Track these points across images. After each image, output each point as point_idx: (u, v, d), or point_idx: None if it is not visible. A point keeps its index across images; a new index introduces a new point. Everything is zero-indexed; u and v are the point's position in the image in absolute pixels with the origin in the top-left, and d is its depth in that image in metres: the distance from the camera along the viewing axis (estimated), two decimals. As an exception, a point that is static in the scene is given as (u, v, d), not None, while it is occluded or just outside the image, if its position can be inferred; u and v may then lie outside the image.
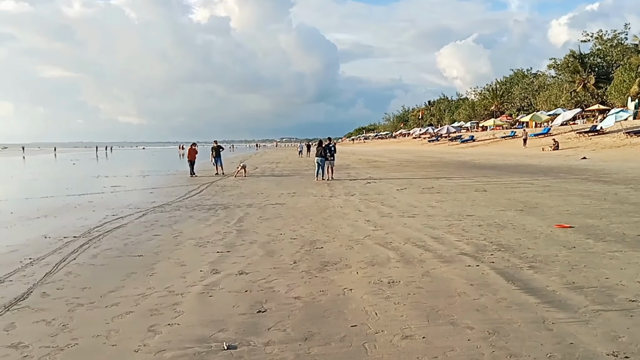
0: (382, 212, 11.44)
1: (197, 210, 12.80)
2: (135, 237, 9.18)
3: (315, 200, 14.13)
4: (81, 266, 7.13)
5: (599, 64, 63.22)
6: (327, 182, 20.06)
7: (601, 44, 63.09)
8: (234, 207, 13.10)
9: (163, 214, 12.29)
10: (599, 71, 62.50)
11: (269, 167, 35.16)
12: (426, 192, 15.39)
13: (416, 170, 26.38)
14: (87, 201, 15.30)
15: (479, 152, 46.10)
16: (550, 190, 14.72)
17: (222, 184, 21.08)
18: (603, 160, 26.59)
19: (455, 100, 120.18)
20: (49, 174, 33.95)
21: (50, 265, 7.16)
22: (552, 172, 21.66)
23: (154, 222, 10.89)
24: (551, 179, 18.42)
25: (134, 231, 9.84)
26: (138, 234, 9.51)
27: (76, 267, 7.09)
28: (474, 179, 19.28)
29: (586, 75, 62.38)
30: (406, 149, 68.38)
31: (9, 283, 6.32)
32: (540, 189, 15.11)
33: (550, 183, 16.88)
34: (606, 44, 62.59)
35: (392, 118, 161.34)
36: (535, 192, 14.35)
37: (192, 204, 14.05)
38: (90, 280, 6.37)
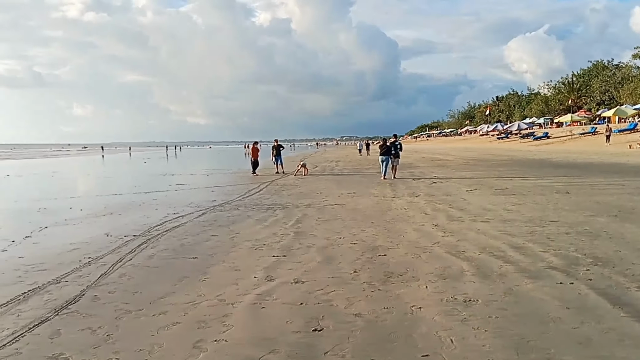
0: (451, 215, 10.62)
1: (256, 209, 12.45)
2: (192, 238, 8.88)
3: (377, 202, 13.45)
4: (136, 267, 6.86)
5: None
6: (390, 182, 19.29)
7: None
8: (292, 207, 12.66)
9: (222, 213, 12.02)
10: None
11: (329, 165, 34.69)
12: (500, 193, 14.34)
13: (486, 170, 25.08)
14: (152, 199, 15.34)
15: (555, 150, 43.66)
16: None
17: (282, 182, 20.77)
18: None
19: (526, 95, 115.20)
20: (122, 172, 35.11)
21: (106, 265, 6.95)
22: (627, 172, 19.87)
23: (212, 222, 10.60)
24: (632, 179, 16.80)
25: (191, 231, 9.57)
26: (195, 234, 9.21)
27: (131, 268, 6.83)
28: (553, 179, 17.93)
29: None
30: (473, 147, 66.09)
31: (65, 284, 6.12)
32: (635, 191, 13.72)
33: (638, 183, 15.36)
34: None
35: (457, 115, 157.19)
36: (628, 195, 13.00)
37: (251, 203, 13.74)
38: (143, 284, 6.06)
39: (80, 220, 11.50)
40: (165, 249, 7.94)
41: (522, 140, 66.95)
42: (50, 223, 11.04)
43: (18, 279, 6.34)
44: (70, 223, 11.09)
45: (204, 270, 6.62)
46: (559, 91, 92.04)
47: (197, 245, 8.26)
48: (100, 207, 13.69)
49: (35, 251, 8.12)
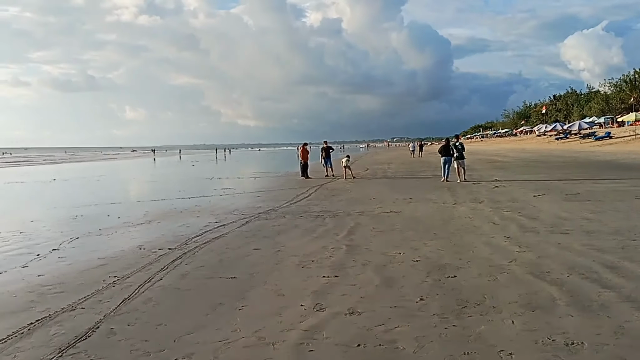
0: (523, 225, 9.36)
1: (304, 217, 11.53)
2: (233, 252, 8.02)
3: (437, 209, 12.27)
4: (165, 290, 6.02)
5: None
6: (448, 186, 18.00)
7: None
8: (343, 215, 11.67)
9: (267, 221, 11.16)
10: None
11: (381, 168, 33.50)
12: (572, 199, 12.89)
13: (549, 172, 23.31)
14: (194, 205, 14.71)
15: (620, 150, 40.88)
16: None
17: (332, 187, 19.81)
18: None
19: (585, 94, 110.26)
20: (168, 175, 35.04)
21: (132, 287, 6.14)
22: None
23: (256, 232, 9.74)
24: None
25: (233, 243, 8.72)
26: (237, 247, 8.35)
27: (159, 291, 5.99)
28: (628, 183, 16.23)
29: None
30: (531, 148, 63.24)
31: (80, 312, 5.31)
32: None
33: None
34: None
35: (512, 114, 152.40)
36: None
37: (298, 210, 12.84)
38: (169, 313, 5.19)
39: (115, 229, 10.86)
40: (201, 266, 7.10)
41: (583, 141, 63.53)
42: (83, 233, 10.44)
43: (30, 304, 5.58)
44: (104, 233, 10.45)
45: (242, 294, 5.72)
46: (620, 89, 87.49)
47: (237, 261, 7.38)
48: (139, 214, 13.11)
49: (57, 268, 7.41)
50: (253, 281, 6.23)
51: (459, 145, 20.38)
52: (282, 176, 28.15)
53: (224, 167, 46.21)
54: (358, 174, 26.78)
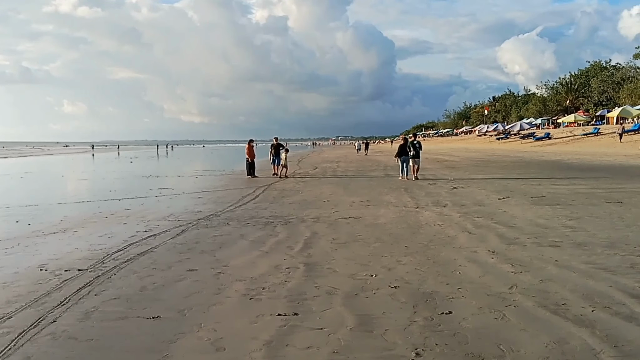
0: (503, 236, 8.17)
1: (251, 225, 9.95)
2: (161, 275, 6.34)
3: (400, 214, 10.99)
4: (55, 342, 4.25)
5: (697, 52, 56.46)
6: (404, 187, 16.87)
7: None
8: (297, 222, 10.18)
9: (207, 230, 9.51)
10: (697, 61, 55.81)
11: (330, 166, 32.22)
12: (541, 203, 11.94)
13: (501, 172, 22.71)
14: (124, 209, 12.80)
15: (562, 151, 41.42)
16: None
17: (281, 187, 18.28)
18: None
19: (522, 96, 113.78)
20: (102, 173, 32.32)
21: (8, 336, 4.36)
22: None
23: (193, 246, 8.08)
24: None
25: (162, 262, 7.03)
26: (166, 267, 6.68)
27: (46, 343, 4.23)
28: (587, 185, 15.55)
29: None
30: (474, 148, 63.86)
31: None
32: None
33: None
34: None
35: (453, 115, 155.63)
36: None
37: (245, 216, 11.25)
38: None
39: (18, 241, 8.83)
40: (115, 298, 5.39)
41: (523, 141, 64.88)
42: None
43: None
44: (1, 246, 8.43)
45: (166, 347, 4.12)
46: (556, 92, 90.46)
47: (164, 289, 5.73)
48: (55, 220, 11.13)
49: None
50: (183, 323, 4.62)
51: (417, 144, 20.00)
52: (227, 175, 26.32)
53: (165, 165, 43.67)
54: (307, 173, 25.40)
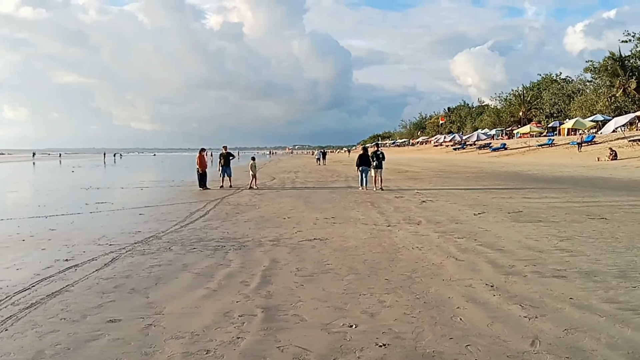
0: (495, 262, 6.96)
1: (198, 251, 8.41)
2: (70, 329, 4.74)
3: (371, 233, 9.69)
4: None
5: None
6: (370, 200, 15.65)
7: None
8: (253, 246, 8.72)
9: (144, 258, 7.91)
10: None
11: (288, 177, 30.77)
12: (521, 219, 10.89)
13: (466, 183, 21.85)
14: (48, 229, 11.00)
15: (520, 161, 41.37)
16: None
17: (235, 201, 16.72)
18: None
19: (477, 107, 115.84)
20: (36, 184, 29.75)
21: None
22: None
23: (122, 282, 6.49)
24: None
25: (77, 306, 5.44)
26: (80, 317, 5.09)
27: None
28: (560, 198, 14.70)
29: (627, 79, 57.38)
30: (433, 158, 63.74)
31: None
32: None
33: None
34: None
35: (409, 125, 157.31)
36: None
37: (191, 238, 9.69)
38: None
39: None
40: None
41: (480, 151, 65.27)
42: None
43: None
44: None
45: None
46: (510, 103, 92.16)
47: (68, 355, 4.17)
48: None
49: None
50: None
51: (380, 155, 19.54)
52: (176, 186, 24.47)
53: (109, 174, 41.11)
54: (264, 184, 23.86)
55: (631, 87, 56.81)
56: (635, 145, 36.71)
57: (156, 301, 5.59)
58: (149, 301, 5.60)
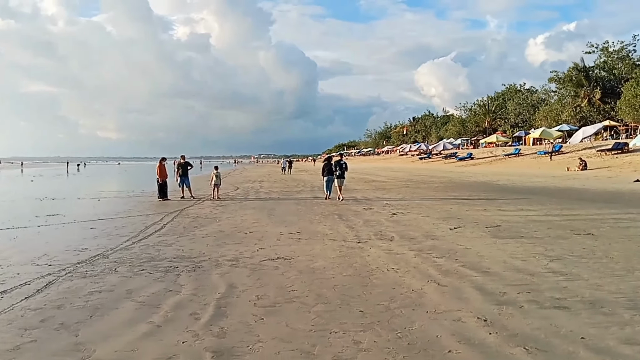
0: (483, 288, 6.20)
1: (146, 272, 7.42)
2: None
3: (340, 251, 8.85)
4: None
5: (605, 77, 59.37)
6: (338, 212, 14.86)
7: (607, 56, 59.27)
8: (209, 267, 7.77)
9: (84, 282, 6.88)
10: (605, 85, 58.63)
11: (253, 187, 29.78)
12: (501, 235, 10.23)
13: (435, 194, 21.29)
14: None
15: (488, 171, 41.33)
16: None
17: (195, 212, 15.70)
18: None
19: (442, 117, 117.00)
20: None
21: None
22: (621, 199, 16.73)
23: (50, 314, 5.48)
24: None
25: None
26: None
27: None
28: (537, 211, 14.17)
29: (591, 89, 58.47)
30: (399, 167, 63.57)
31: None
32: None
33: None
34: (612, 56, 58.79)
35: (374, 134, 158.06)
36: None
37: (142, 256, 8.67)
38: None
39: None
40: None
41: (446, 161, 65.40)
42: None
43: None
44: None
45: None
46: (475, 113, 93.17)
47: None
48: None
49: None
50: None
51: (343, 164, 19.25)
52: (136, 197, 23.24)
53: (69, 184, 39.31)
54: (227, 195, 22.83)
55: (596, 97, 57.81)
56: (603, 155, 37.03)
57: (86, 341, 4.62)
58: (78, 341, 4.63)
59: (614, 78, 58.06)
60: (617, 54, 58.25)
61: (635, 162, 31.06)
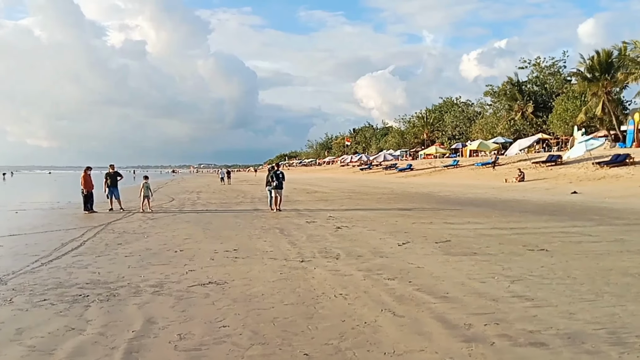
0: (444, 319, 5.40)
1: (48, 304, 6.17)
2: None
3: (282, 273, 7.88)
4: None
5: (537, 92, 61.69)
6: (278, 226, 13.91)
7: (539, 71, 61.66)
8: (126, 295, 6.61)
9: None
10: (538, 99, 60.89)
11: (189, 198, 28.30)
12: (453, 252, 9.56)
13: (379, 205, 20.72)
14: None
15: (429, 182, 41.50)
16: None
17: (122, 228, 14.29)
18: (601, 195, 22.17)
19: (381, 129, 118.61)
20: None
21: None
22: (564, 212, 16.67)
23: None
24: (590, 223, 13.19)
25: None
26: None
27: None
28: (484, 224, 13.72)
29: (524, 103, 60.53)
30: (341, 178, 63.27)
31: None
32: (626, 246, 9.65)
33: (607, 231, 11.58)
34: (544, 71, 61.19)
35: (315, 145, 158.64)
36: (630, 254, 8.80)
37: (47, 282, 7.37)
38: None
39: None
40: None
41: (387, 172, 65.66)
42: None
43: None
44: None
45: None
46: (413, 125, 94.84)
47: None
48: None
49: None
50: None
51: (280, 174, 18.91)
52: (60, 209, 21.43)
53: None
54: (160, 207, 21.37)
55: (529, 110, 59.88)
56: (538, 167, 37.93)
57: None
58: None
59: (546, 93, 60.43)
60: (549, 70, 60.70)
61: (569, 174, 31.85)
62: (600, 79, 45.02)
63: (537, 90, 61.61)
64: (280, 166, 21.36)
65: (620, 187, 25.02)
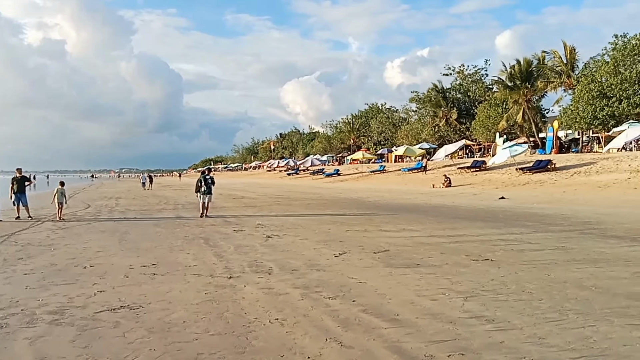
0: (400, 349, 4.67)
1: None
2: None
3: (207, 293, 6.89)
4: None
5: (460, 99, 63.67)
6: (203, 236, 12.85)
7: (462, 78, 63.67)
8: (16, 326, 5.41)
9: None
10: (461, 106, 62.84)
11: (107, 205, 26.34)
12: (395, 263, 8.93)
13: (309, 211, 20.04)
14: None
15: (357, 188, 41.38)
16: (603, 258, 9.12)
17: (27, 239, 12.68)
18: (528, 201, 22.61)
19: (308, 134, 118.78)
20: None
21: None
22: (496, 218, 16.67)
23: None
24: (526, 230, 13.10)
25: None
26: None
27: None
28: (420, 231, 13.30)
29: (448, 109, 62.23)
30: (267, 183, 62.21)
31: None
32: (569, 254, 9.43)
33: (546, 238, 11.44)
34: (467, 79, 63.25)
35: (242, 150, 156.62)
36: (579, 264, 8.53)
37: None
38: None
39: None
40: None
41: (314, 177, 65.42)
42: None
43: None
44: None
45: None
46: (340, 130, 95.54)
47: None
48: None
49: None
50: None
51: (210, 180, 18.34)
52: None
53: None
54: (74, 214, 19.55)
55: (452, 117, 61.61)
56: (463, 173, 38.77)
57: None
58: None
59: (469, 100, 62.47)
60: (472, 77, 62.84)
61: (494, 180, 32.66)
62: (521, 87, 46.97)
63: (461, 97, 63.59)
64: (211, 171, 20.51)
65: (545, 192, 25.79)
